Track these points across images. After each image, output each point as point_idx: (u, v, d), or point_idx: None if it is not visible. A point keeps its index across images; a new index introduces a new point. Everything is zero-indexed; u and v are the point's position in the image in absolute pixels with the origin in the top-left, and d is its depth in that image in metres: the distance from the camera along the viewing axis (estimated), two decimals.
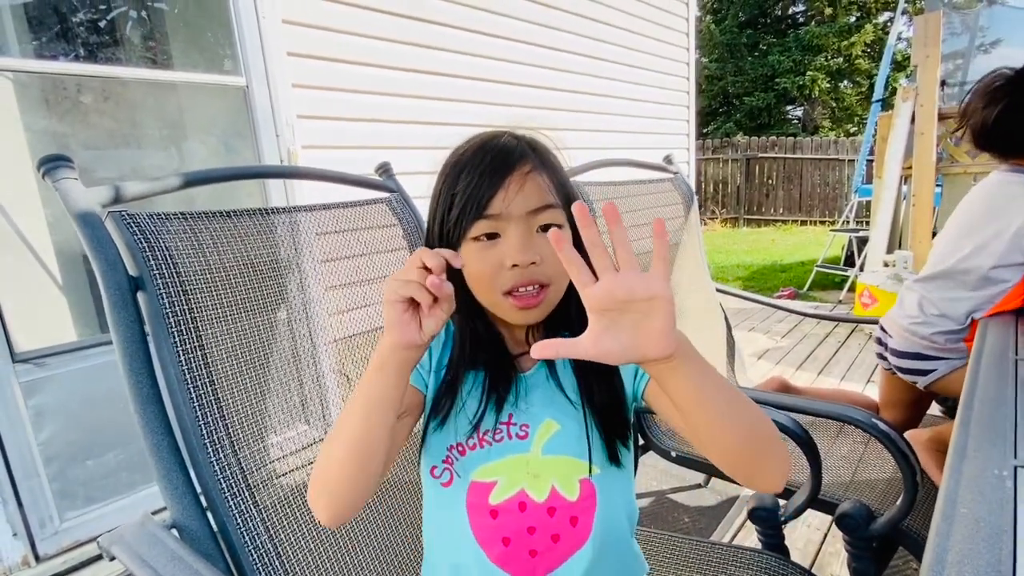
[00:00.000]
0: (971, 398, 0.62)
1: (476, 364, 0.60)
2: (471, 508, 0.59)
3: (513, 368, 0.61)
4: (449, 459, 0.60)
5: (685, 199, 1.93)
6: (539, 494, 0.58)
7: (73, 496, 1.75)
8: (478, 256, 0.55)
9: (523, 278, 0.54)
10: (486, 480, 0.59)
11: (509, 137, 0.57)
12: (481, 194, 0.53)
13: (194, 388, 0.72)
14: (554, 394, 0.60)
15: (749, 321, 4.01)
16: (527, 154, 0.56)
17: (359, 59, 2.39)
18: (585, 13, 3.57)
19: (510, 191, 0.53)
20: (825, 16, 14.36)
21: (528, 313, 0.56)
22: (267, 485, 0.79)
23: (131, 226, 0.72)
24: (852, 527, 0.97)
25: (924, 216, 3.68)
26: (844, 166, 9.70)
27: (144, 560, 0.63)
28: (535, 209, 0.54)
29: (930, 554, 0.40)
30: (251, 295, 0.83)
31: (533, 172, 0.55)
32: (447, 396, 0.59)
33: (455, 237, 0.55)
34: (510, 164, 0.54)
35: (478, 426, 0.58)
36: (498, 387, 0.59)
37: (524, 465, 0.59)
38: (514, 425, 0.59)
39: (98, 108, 2.14)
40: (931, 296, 1.29)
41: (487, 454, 0.59)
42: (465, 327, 0.60)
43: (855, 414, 0.97)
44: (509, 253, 0.53)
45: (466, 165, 0.55)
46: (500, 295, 0.55)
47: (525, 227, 0.54)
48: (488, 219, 0.54)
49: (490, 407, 0.59)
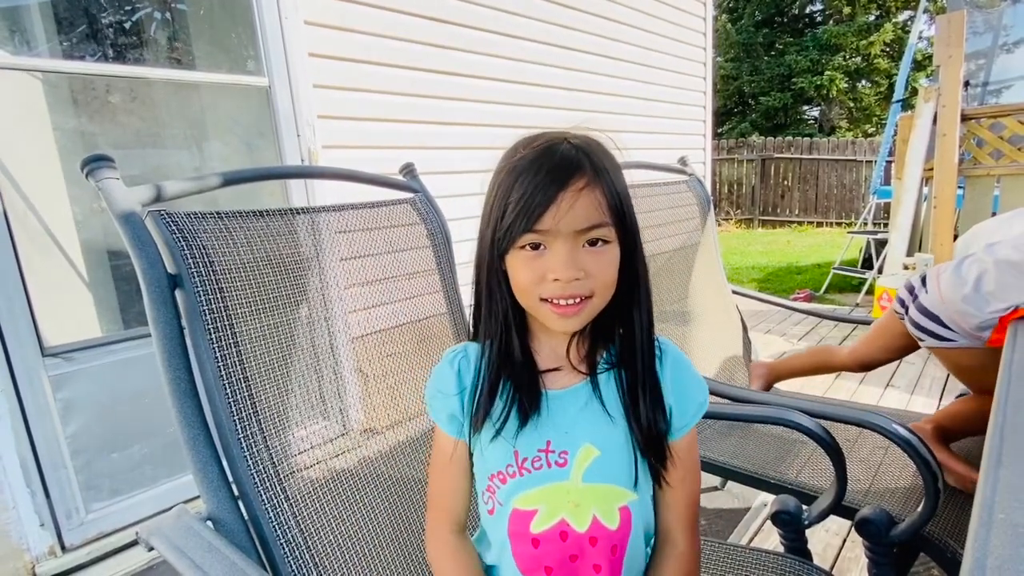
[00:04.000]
0: (1003, 403, 0.62)
1: (504, 385, 0.60)
2: (513, 536, 0.61)
3: (540, 386, 0.60)
4: (492, 487, 0.62)
5: (700, 201, 1.92)
6: (580, 524, 0.59)
7: (99, 488, 1.79)
8: (524, 264, 0.55)
9: (564, 291, 0.54)
10: (527, 508, 0.60)
11: (567, 146, 0.56)
12: (533, 209, 0.53)
13: (229, 383, 0.74)
14: (594, 416, 0.60)
15: (765, 323, 3.98)
16: (583, 166, 0.54)
17: (379, 60, 2.42)
18: (602, 13, 3.56)
19: (561, 208, 0.53)
20: (843, 15, 14.17)
21: (567, 321, 0.56)
22: (295, 478, 0.80)
23: (170, 225, 0.73)
24: (873, 533, 0.96)
25: (945, 218, 3.63)
26: (861, 167, 9.57)
27: (182, 551, 0.65)
28: (584, 228, 0.54)
29: (969, 561, 0.40)
30: (282, 292, 0.85)
31: (587, 188, 0.54)
32: (481, 420, 0.60)
33: (505, 244, 0.56)
34: (564, 179, 0.53)
35: (516, 454, 0.59)
36: (525, 406, 0.59)
37: (564, 494, 0.59)
38: (552, 452, 0.59)
39: (125, 108, 2.18)
40: (995, 273, 1.17)
41: (527, 482, 0.59)
42: (499, 339, 0.60)
43: (876, 420, 0.97)
44: (553, 267, 0.54)
45: (522, 173, 0.55)
46: (539, 300, 0.56)
47: (572, 243, 0.54)
48: (536, 233, 0.54)
49: (523, 430, 0.59)
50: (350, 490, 0.87)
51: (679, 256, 1.78)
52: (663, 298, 1.66)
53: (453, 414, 0.62)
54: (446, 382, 0.62)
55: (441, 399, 0.63)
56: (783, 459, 1.30)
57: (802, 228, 9.90)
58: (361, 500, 0.88)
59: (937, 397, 2.58)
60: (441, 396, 0.63)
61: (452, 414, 0.62)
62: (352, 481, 0.88)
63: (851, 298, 4.88)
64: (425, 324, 1.11)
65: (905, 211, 3.79)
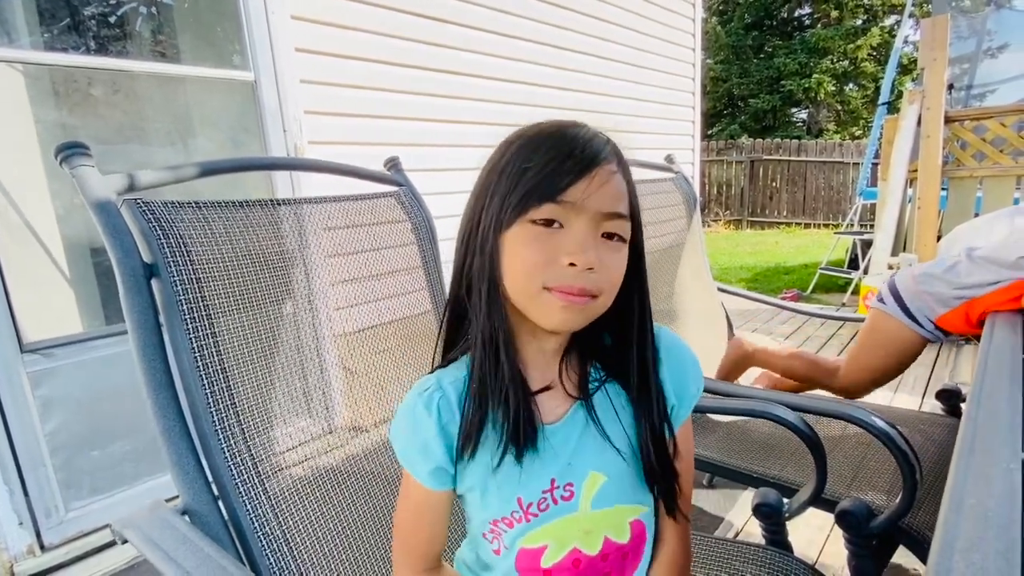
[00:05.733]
0: (978, 394, 0.63)
1: (496, 424, 0.52)
2: (522, 571, 0.56)
3: (534, 417, 0.53)
4: (496, 531, 0.56)
5: (687, 199, 1.93)
6: (592, 548, 0.56)
7: (78, 486, 1.76)
8: (532, 240, 0.48)
9: (575, 281, 0.47)
10: (535, 546, 0.55)
11: (595, 131, 0.52)
12: (562, 176, 0.47)
13: (206, 375, 0.73)
14: (595, 442, 0.55)
15: (752, 322, 4.01)
16: (616, 153, 0.51)
17: (367, 56, 2.40)
18: (593, 13, 3.57)
19: (594, 183, 0.47)
20: (831, 19, 14.33)
21: (572, 315, 0.49)
22: (277, 473, 0.79)
23: (146, 214, 0.72)
24: (852, 524, 0.97)
25: (929, 219, 3.68)
26: (848, 169, 9.68)
27: (156, 543, 0.64)
28: (611, 213, 0.48)
29: (938, 542, 0.40)
30: (262, 285, 0.84)
31: (618, 175, 0.50)
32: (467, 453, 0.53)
33: (513, 215, 0.48)
34: (600, 156, 0.48)
35: (520, 501, 0.54)
36: (520, 440, 0.52)
37: (574, 525, 0.55)
38: (557, 488, 0.54)
39: (108, 101, 2.15)
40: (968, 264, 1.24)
41: (534, 524, 0.54)
42: (488, 355, 0.52)
43: (855, 412, 0.98)
44: (569, 248, 0.47)
45: (546, 141, 0.49)
46: (542, 288, 0.48)
47: (593, 227, 0.48)
48: (560, 204, 0.47)
49: (518, 470, 0.53)
50: (331, 485, 0.87)
51: (666, 255, 1.78)
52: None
53: (439, 467, 0.54)
54: (425, 433, 0.53)
55: (421, 453, 0.53)
56: (768, 454, 1.31)
57: (790, 229, 9.99)
58: (343, 495, 0.87)
59: (920, 394, 2.61)
60: (420, 450, 0.53)
61: (438, 467, 0.54)
62: (334, 476, 0.88)
63: (837, 298, 4.94)
64: (410, 321, 1.10)
65: (890, 212, 3.84)
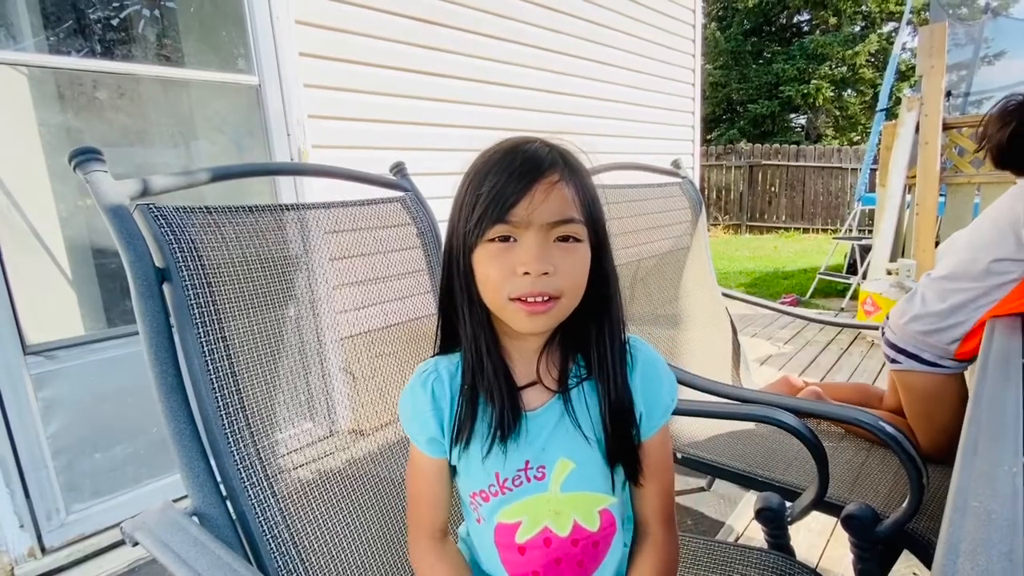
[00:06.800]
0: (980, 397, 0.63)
1: (484, 408, 0.60)
2: (500, 546, 0.63)
3: (520, 408, 0.60)
4: (474, 503, 0.63)
5: (693, 203, 1.94)
6: (562, 529, 0.62)
7: (80, 489, 1.76)
8: (493, 257, 0.54)
9: (533, 287, 0.53)
10: (510, 521, 0.62)
11: (541, 144, 0.56)
12: (505, 198, 0.52)
13: (216, 378, 0.73)
14: (567, 432, 0.61)
15: (752, 327, 4.02)
16: (557, 163, 0.54)
17: (371, 60, 2.42)
18: (594, 19, 3.60)
19: (535, 198, 0.52)
20: (830, 25, 14.41)
21: (536, 320, 0.54)
22: (284, 475, 0.80)
23: (158, 219, 0.73)
24: (858, 529, 0.97)
25: (927, 225, 3.70)
26: (847, 175, 9.71)
27: (167, 545, 0.64)
28: (557, 221, 0.53)
29: (943, 545, 0.41)
30: (271, 289, 0.84)
31: (561, 183, 0.53)
32: (462, 441, 0.61)
33: (474, 237, 0.54)
34: (539, 171, 0.53)
35: (497, 475, 0.61)
36: (505, 430, 0.59)
37: (545, 504, 0.61)
38: (531, 469, 0.61)
39: (113, 105, 2.16)
40: (933, 287, 1.32)
41: (508, 499, 0.61)
42: (473, 352, 0.59)
43: (861, 416, 0.98)
44: (522, 259, 0.52)
45: (494, 167, 0.54)
46: (507, 299, 0.54)
47: (543, 236, 0.53)
48: (508, 224, 0.53)
49: (501, 451, 0.60)
50: (339, 488, 0.87)
51: (671, 258, 1.79)
52: (654, 300, 1.67)
53: (433, 437, 0.62)
54: (422, 406, 0.62)
55: (418, 423, 0.62)
56: (772, 457, 1.31)
57: (789, 234, 10.02)
58: (350, 498, 0.88)
59: None
60: (418, 421, 0.62)
61: (432, 438, 0.62)
62: (341, 479, 0.88)
63: (836, 303, 4.95)
64: (414, 325, 1.11)
65: (888, 218, 3.86)
